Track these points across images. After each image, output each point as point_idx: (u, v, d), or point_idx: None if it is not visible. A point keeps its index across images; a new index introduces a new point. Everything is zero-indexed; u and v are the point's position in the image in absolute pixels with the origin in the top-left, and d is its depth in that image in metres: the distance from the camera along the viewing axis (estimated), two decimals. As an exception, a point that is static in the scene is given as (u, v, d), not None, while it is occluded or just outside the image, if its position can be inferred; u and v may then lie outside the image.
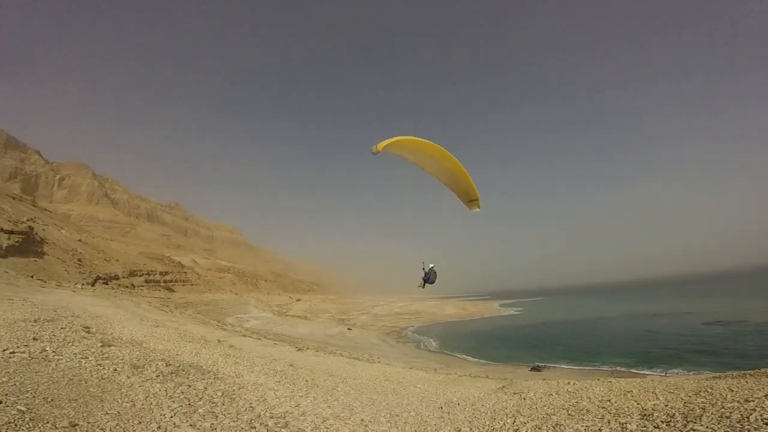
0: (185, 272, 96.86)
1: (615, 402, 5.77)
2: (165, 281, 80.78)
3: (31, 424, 3.75)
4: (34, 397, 4.55)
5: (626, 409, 5.25)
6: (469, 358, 32.97)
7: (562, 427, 4.73)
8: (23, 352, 6.43)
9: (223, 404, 5.87)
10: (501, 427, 5.21)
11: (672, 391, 5.96)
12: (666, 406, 5.08)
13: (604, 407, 5.59)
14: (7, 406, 4.07)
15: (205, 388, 6.57)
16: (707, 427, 3.79)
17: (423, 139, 7.17)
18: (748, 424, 3.60)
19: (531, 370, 26.82)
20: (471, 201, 8.01)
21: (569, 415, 5.39)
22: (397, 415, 6.40)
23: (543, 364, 28.60)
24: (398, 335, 49.48)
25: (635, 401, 5.63)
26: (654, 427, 4.14)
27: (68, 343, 8.01)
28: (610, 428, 4.39)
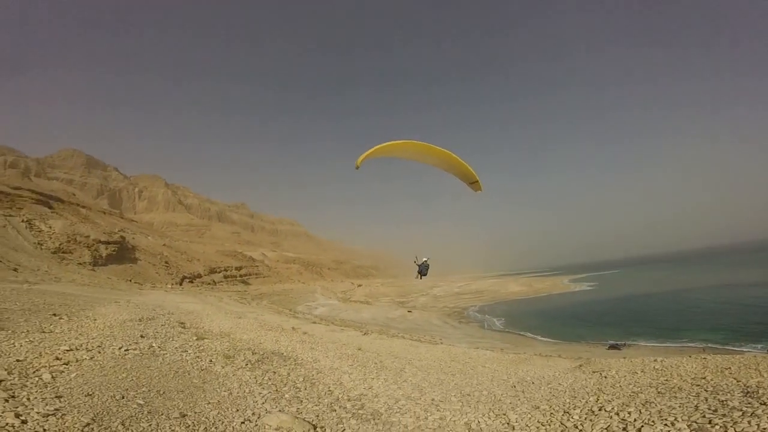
0: (257, 266, 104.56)
1: (711, 379, 5.31)
2: (240, 275, 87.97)
3: (149, 416, 4.27)
4: (149, 390, 5.18)
5: (725, 386, 4.81)
6: (538, 338, 31.84)
7: (651, 405, 4.45)
8: (135, 349, 7.42)
9: (305, 389, 6.31)
10: (583, 405, 4.99)
11: None
12: None
13: (698, 384, 5.16)
14: (129, 400, 4.66)
15: (288, 374, 7.10)
16: None
17: (402, 141, 7.45)
18: None
19: (608, 348, 25.29)
20: (472, 183, 8.44)
21: (659, 392, 5.04)
22: (468, 395, 6.40)
23: (622, 342, 26.84)
24: (460, 315, 49.18)
25: (735, 378, 5.14)
26: (760, 404, 3.77)
27: (169, 338, 9.09)
28: (708, 405, 4.05)
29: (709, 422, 3.59)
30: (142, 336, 8.89)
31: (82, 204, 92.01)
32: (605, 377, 6.70)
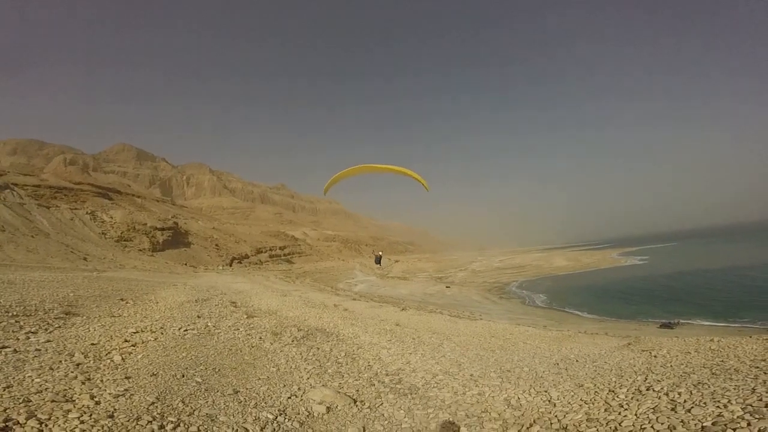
0: (299, 245, 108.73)
1: None
2: (284, 254, 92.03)
3: (206, 394, 4.60)
4: (206, 368, 5.58)
5: None
6: (584, 314, 30.78)
7: (704, 386, 4.18)
8: (193, 329, 8.04)
9: (347, 364, 6.56)
10: (630, 384, 4.80)
11: None
12: None
13: (758, 367, 4.79)
14: (188, 379, 5.03)
15: (331, 349, 7.41)
16: None
17: (357, 167, 9.44)
18: None
19: (660, 327, 24.04)
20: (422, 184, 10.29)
21: (713, 374, 4.75)
22: (509, 371, 6.36)
23: (675, 321, 25.39)
24: (501, 291, 48.44)
25: None
26: None
27: (223, 317, 9.76)
28: (767, 388, 3.86)
29: (766, 406, 3.35)
30: (198, 316, 9.59)
31: (137, 194, 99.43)
32: (655, 356, 6.41)
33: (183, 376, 5.13)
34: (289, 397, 4.88)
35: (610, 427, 3.70)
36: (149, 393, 4.36)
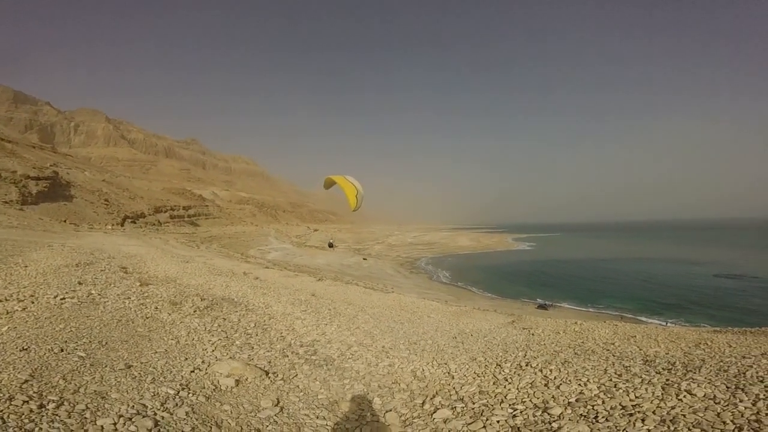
0: (207, 205, 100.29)
1: (619, 345, 5.98)
2: (189, 215, 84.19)
3: (92, 369, 4.06)
4: (90, 341, 4.93)
5: (630, 353, 5.44)
6: (479, 292, 34.57)
7: (569, 364, 4.99)
8: (72, 298, 6.97)
9: (257, 335, 6.36)
10: (513, 360, 5.51)
11: (673, 340, 6.14)
12: (667, 354, 5.26)
13: (608, 349, 5.77)
14: (69, 353, 4.39)
15: (239, 320, 7.10)
16: (705, 377, 3.95)
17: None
18: (744, 380, 3.76)
19: (538, 307, 28.15)
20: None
21: (576, 353, 5.63)
22: (415, 343, 6.81)
23: (549, 303, 29.84)
24: (412, 266, 51.43)
25: (638, 347, 5.81)
26: (656, 372, 4.33)
27: (110, 284, 8.63)
28: (615, 370, 4.60)
29: (615, 386, 4.06)
30: (79, 283, 8.35)
31: (7, 138, 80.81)
32: (533, 334, 7.40)
33: (62, 350, 4.47)
34: (192, 371, 4.56)
35: (498, 399, 4.20)
36: (21, 370, 3.71)
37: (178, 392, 3.93)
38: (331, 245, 13.08)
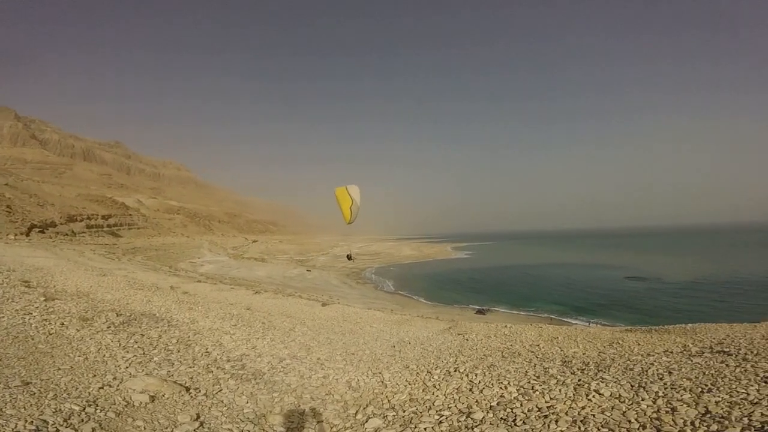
0: (130, 214, 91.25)
1: (543, 347, 6.38)
2: (108, 225, 76.07)
3: None
4: None
5: (551, 354, 5.83)
6: (422, 300, 35.34)
7: (494, 368, 5.24)
8: (-41, 313, 6.04)
9: (179, 351, 5.94)
10: (443, 366, 5.70)
11: (590, 340, 6.68)
12: (584, 354, 5.68)
13: (533, 351, 6.14)
14: None
15: (160, 336, 6.59)
16: (613, 377, 4.31)
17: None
18: (646, 377, 4.14)
19: (476, 312, 29.41)
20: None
21: (503, 357, 5.94)
22: (353, 354, 6.80)
23: (486, 308, 31.37)
24: (358, 276, 51.17)
25: (560, 347, 6.24)
26: (571, 372, 4.67)
27: (8, 299, 7.57)
28: (535, 371, 4.90)
29: (532, 388, 4.32)
30: (-33, 297, 7.20)
31: None
32: (467, 339, 7.72)
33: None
34: (101, 387, 4.15)
35: (426, 406, 4.30)
36: None
37: (84, 408, 3.57)
38: (349, 257, 12.48)
